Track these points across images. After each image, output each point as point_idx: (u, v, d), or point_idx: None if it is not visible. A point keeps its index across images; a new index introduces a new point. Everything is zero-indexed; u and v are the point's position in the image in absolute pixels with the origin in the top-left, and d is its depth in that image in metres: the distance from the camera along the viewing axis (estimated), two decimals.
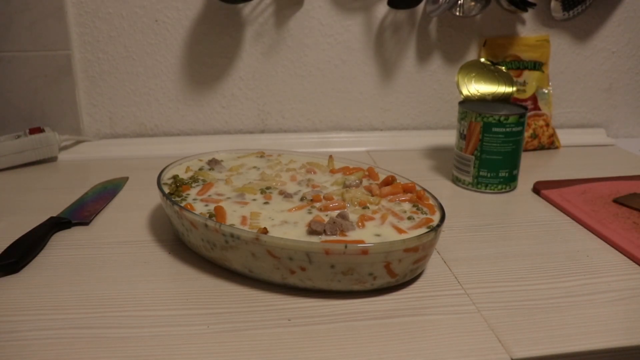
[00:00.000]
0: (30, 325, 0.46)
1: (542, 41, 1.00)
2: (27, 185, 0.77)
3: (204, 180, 0.64)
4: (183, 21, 0.91)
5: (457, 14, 0.93)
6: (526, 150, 0.97)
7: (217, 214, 0.55)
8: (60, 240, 0.60)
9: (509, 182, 0.77)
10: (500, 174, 0.76)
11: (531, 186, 0.79)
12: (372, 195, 0.61)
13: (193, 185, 0.63)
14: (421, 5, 0.95)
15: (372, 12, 0.95)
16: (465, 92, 0.83)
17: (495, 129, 0.74)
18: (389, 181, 0.64)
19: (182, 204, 0.56)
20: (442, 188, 0.79)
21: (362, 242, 0.50)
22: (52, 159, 0.87)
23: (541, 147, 0.99)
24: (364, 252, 0.48)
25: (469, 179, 0.78)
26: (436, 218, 0.56)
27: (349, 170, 0.69)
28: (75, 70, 0.89)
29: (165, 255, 0.58)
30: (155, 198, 0.69)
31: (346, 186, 0.64)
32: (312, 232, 0.52)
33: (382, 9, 0.94)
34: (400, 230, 0.54)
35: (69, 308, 0.48)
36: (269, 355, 0.43)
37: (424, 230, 0.53)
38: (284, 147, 0.77)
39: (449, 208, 0.69)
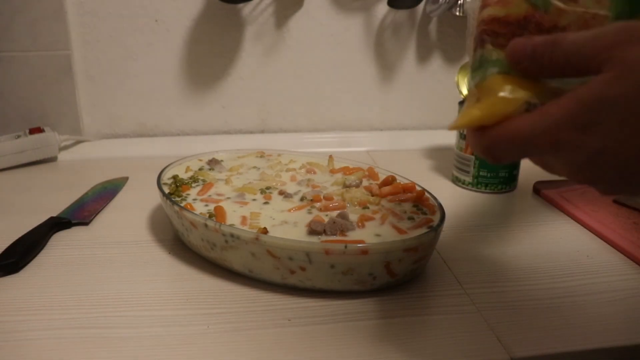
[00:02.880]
0: (30, 325, 0.46)
1: None
2: (27, 185, 0.77)
3: (204, 180, 0.64)
4: (183, 21, 0.91)
5: (457, 14, 0.93)
6: None
7: (217, 214, 0.55)
8: (60, 240, 0.60)
9: (509, 182, 0.77)
10: (500, 174, 0.76)
11: (531, 186, 0.79)
12: (372, 195, 0.61)
13: (193, 185, 0.63)
14: (421, 5, 0.95)
15: (372, 12, 0.95)
16: (465, 92, 0.83)
17: None
18: (389, 181, 0.64)
19: (182, 204, 0.56)
20: (442, 188, 0.79)
21: (362, 242, 0.50)
22: (52, 159, 0.87)
23: None
24: (364, 252, 0.48)
25: (469, 179, 0.78)
26: (436, 218, 0.56)
27: (349, 170, 0.69)
28: (75, 70, 0.89)
29: (165, 255, 0.57)
30: (155, 198, 0.69)
31: (346, 186, 0.64)
32: (312, 232, 0.52)
33: (382, 9, 0.95)
34: (400, 230, 0.54)
35: (69, 308, 0.48)
36: (269, 355, 0.43)
37: (424, 230, 0.53)
38: (284, 147, 0.77)
39: (449, 208, 0.69)
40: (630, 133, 0.30)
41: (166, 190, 0.60)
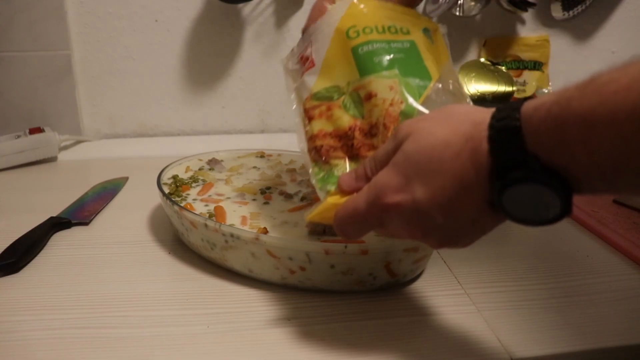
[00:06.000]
0: (30, 325, 0.46)
1: (542, 41, 1.00)
2: (27, 185, 0.77)
3: (204, 180, 0.64)
4: (183, 21, 0.91)
5: (457, 14, 0.93)
6: None
7: (217, 214, 0.55)
8: (60, 240, 0.60)
9: None
10: None
11: None
12: None
13: (193, 185, 0.63)
14: (421, 5, 0.95)
15: None
16: (467, 91, 0.83)
17: None
18: None
19: (182, 204, 0.56)
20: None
21: (362, 242, 0.50)
22: (52, 159, 0.87)
23: None
24: (364, 252, 0.48)
25: None
26: None
27: None
28: (75, 70, 0.89)
29: (165, 255, 0.57)
30: (155, 198, 0.68)
31: None
32: (312, 232, 0.52)
33: None
34: None
35: (69, 308, 0.48)
36: (269, 355, 0.43)
37: None
38: (284, 147, 0.77)
39: None
40: (432, 179, 0.36)
41: (166, 190, 0.60)
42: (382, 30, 0.48)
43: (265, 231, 0.51)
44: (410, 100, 0.45)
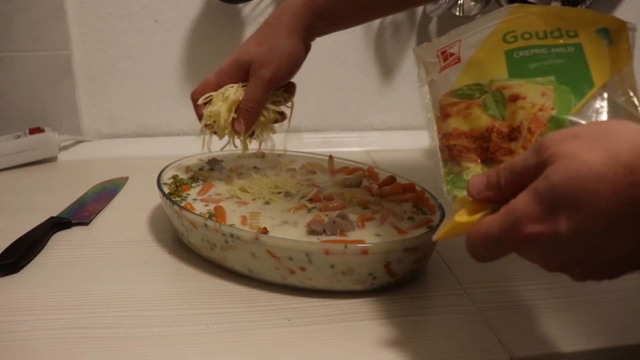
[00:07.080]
0: (30, 325, 0.46)
1: None
2: (27, 185, 0.77)
3: (204, 180, 0.64)
4: (183, 21, 0.91)
5: (457, 14, 0.93)
6: None
7: (217, 214, 0.55)
8: (60, 240, 0.60)
9: None
10: None
11: None
12: (372, 195, 0.61)
13: (193, 185, 0.63)
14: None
15: None
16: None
17: None
18: (389, 181, 0.64)
19: (182, 204, 0.56)
20: (442, 188, 0.78)
21: (362, 242, 0.50)
22: (52, 159, 0.87)
23: None
24: (364, 252, 0.48)
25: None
26: (436, 218, 0.56)
27: (349, 170, 0.69)
28: (75, 70, 0.89)
29: (165, 255, 0.57)
30: (155, 198, 0.68)
31: (346, 186, 0.63)
32: (312, 232, 0.52)
33: None
34: (400, 230, 0.53)
35: (69, 308, 0.48)
36: (269, 355, 0.43)
37: (424, 230, 0.53)
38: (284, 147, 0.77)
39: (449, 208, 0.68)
40: (580, 214, 0.32)
41: (166, 190, 0.60)
42: (543, 35, 0.44)
43: (265, 231, 0.51)
44: (564, 108, 0.41)
